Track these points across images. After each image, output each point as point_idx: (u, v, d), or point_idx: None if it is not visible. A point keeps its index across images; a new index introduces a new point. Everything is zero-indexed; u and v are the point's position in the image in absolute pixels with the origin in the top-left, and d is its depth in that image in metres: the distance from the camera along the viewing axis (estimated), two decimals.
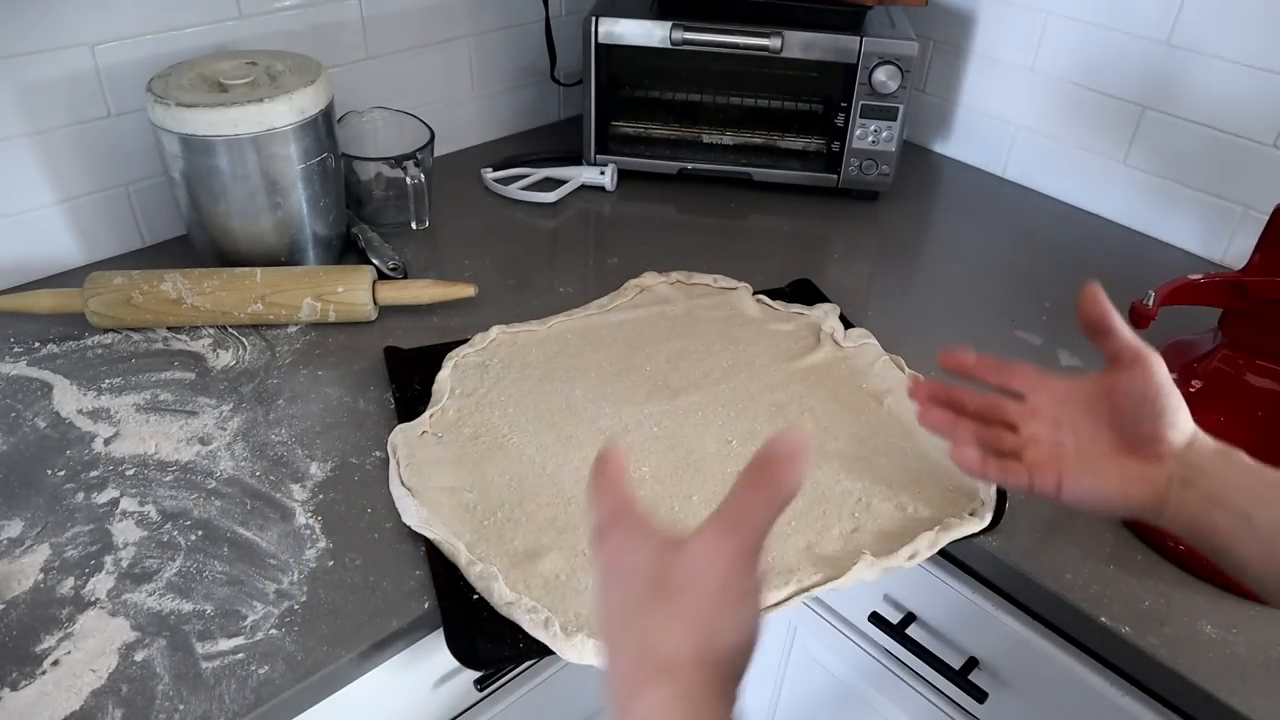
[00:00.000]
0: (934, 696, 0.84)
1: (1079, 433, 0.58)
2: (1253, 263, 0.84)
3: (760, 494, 0.39)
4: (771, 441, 0.39)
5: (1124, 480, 0.56)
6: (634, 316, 0.93)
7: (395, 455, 0.74)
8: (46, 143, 0.92)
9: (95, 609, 0.63)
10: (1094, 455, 0.57)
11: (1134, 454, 0.56)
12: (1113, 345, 0.58)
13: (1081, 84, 1.15)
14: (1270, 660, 0.63)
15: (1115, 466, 0.56)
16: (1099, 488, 0.56)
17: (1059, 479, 0.57)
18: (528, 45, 1.29)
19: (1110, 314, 0.58)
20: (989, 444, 0.61)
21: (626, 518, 0.43)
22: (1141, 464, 0.55)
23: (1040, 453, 0.59)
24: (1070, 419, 0.59)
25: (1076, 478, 0.57)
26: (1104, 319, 0.58)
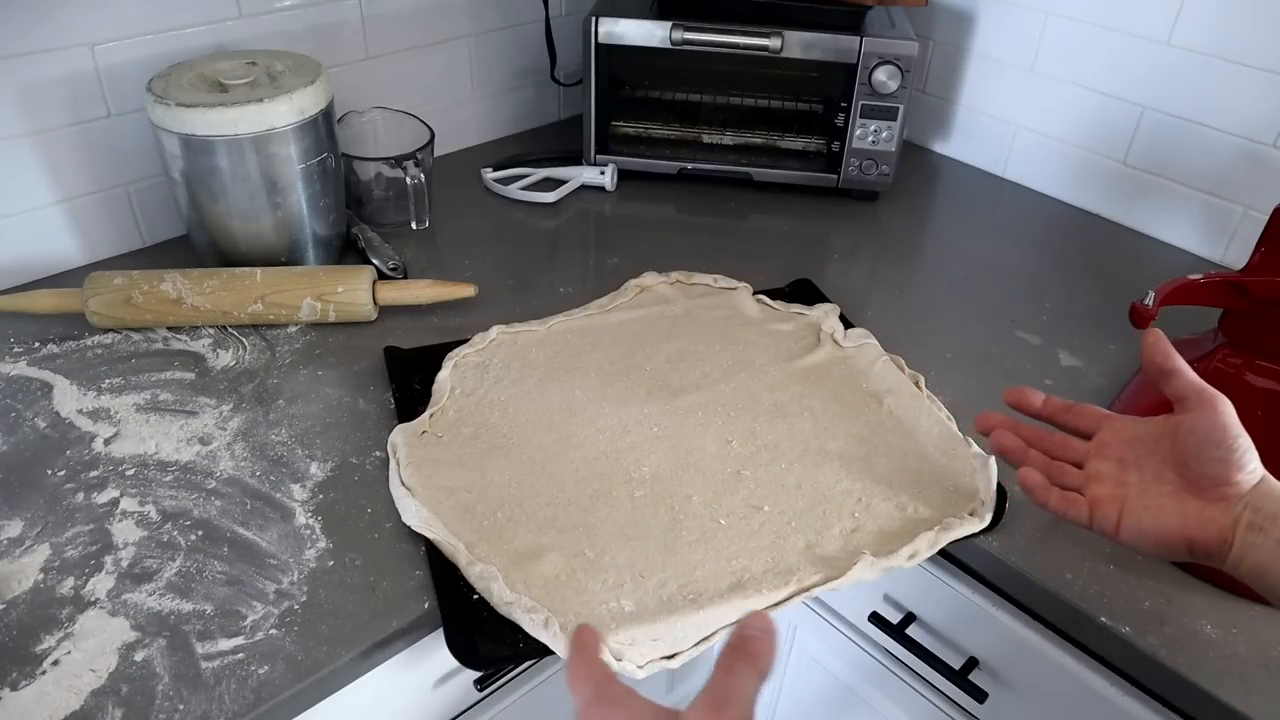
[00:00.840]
0: (934, 696, 0.84)
1: (1143, 472, 0.59)
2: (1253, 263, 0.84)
3: (742, 673, 0.42)
4: (743, 623, 0.43)
5: (1185, 521, 0.56)
6: (634, 316, 0.93)
7: (395, 455, 0.74)
8: (46, 143, 0.92)
9: (95, 609, 0.63)
10: (1157, 494, 0.57)
11: (1199, 495, 0.56)
12: (1178, 387, 0.58)
13: (1081, 84, 1.15)
14: (1270, 660, 0.63)
15: (1177, 506, 0.56)
16: (1159, 526, 0.56)
17: (1119, 516, 0.57)
18: (528, 45, 1.29)
19: (1173, 357, 0.58)
20: (1053, 477, 0.62)
21: (610, 692, 0.43)
22: (1206, 505, 0.55)
23: (1103, 489, 0.59)
24: (1135, 458, 0.59)
25: (1137, 515, 0.57)
26: (1167, 361, 0.58)
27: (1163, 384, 0.59)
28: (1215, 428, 0.55)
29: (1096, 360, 0.91)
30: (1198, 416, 0.56)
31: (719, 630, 0.64)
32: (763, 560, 0.68)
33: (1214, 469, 0.55)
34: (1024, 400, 0.64)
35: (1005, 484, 0.75)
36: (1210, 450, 0.55)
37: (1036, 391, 0.64)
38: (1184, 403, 0.58)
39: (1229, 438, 0.55)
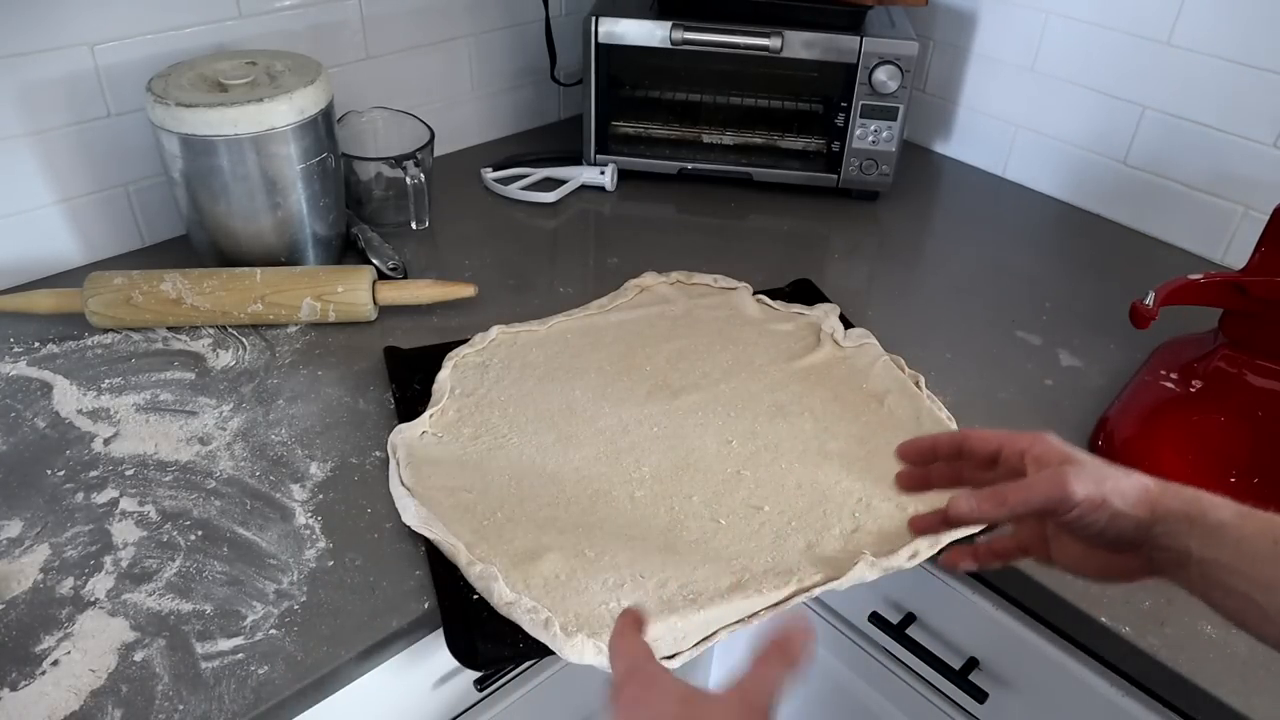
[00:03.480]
0: (934, 696, 0.84)
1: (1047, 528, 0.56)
2: (1253, 263, 0.84)
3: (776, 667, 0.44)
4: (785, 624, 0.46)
5: (1103, 568, 0.53)
6: (634, 316, 0.93)
7: (395, 455, 0.74)
8: (46, 142, 0.92)
9: (95, 609, 0.63)
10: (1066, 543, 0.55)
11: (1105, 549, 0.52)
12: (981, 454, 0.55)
13: (1081, 84, 1.15)
14: (1270, 660, 0.63)
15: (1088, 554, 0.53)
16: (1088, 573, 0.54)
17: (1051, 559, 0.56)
18: (528, 45, 1.29)
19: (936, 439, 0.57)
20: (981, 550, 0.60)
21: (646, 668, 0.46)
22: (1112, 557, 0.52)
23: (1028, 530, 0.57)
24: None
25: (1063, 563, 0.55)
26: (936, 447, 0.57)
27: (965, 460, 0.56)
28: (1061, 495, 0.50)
29: (1096, 360, 0.91)
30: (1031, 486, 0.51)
31: (719, 630, 0.64)
32: (763, 560, 0.68)
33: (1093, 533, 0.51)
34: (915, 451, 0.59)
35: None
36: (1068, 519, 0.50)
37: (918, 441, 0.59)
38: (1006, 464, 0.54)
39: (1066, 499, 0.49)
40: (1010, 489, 0.51)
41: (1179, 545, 0.49)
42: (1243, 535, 0.48)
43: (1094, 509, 0.49)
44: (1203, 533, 0.48)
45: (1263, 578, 0.47)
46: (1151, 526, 0.49)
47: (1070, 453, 0.52)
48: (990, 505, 0.51)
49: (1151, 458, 0.74)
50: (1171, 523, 0.49)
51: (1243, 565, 0.47)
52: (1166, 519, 0.49)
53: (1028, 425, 0.82)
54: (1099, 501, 0.49)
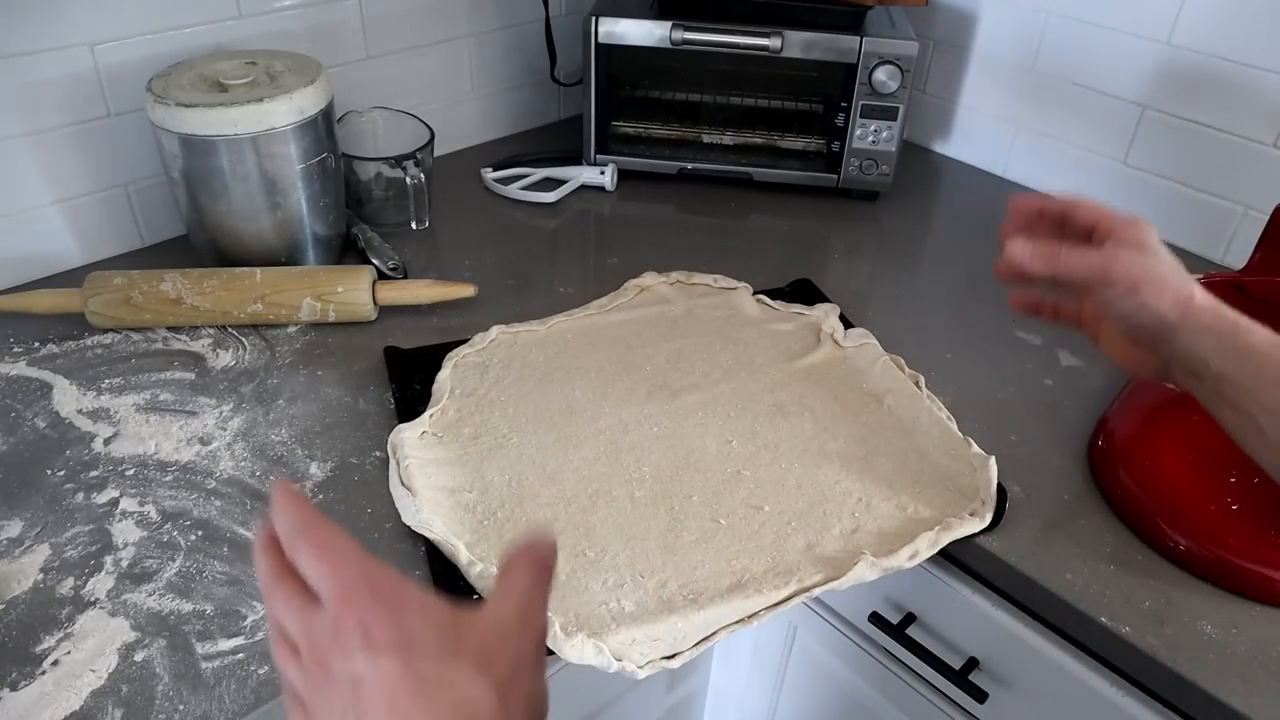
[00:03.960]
0: (934, 696, 0.84)
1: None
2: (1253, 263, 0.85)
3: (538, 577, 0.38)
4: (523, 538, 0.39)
5: (1131, 362, 0.57)
6: (634, 316, 0.93)
7: (395, 455, 0.74)
8: (46, 142, 0.92)
9: (95, 609, 0.63)
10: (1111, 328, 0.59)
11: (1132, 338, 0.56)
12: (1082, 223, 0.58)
13: (1081, 84, 1.15)
14: (1270, 660, 0.63)
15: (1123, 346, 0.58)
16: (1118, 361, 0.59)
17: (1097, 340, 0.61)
18: (528, 45, 1.29)
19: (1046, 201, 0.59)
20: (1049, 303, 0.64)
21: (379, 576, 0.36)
22: (1139, 350, 0.56)
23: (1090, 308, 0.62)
24: None
25: (1103, 345, 0.60)
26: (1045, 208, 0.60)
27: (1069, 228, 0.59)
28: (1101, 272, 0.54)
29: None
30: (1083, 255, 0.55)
31: (719, 630, 0.64)
32: (763, 560, 0.68)
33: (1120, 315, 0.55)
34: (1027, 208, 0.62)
35: (1005, 484, 0.75)
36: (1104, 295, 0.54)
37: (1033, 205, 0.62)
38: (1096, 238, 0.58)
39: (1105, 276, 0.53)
40: (1064, 252, 0.54)
41: (1199, 355, 0.52)
42: (1267, 361, 0.50)
43: (1126, 293, 0.52)
44: (1228, 349, 0.51)
45: (1272, 402, 0.49)
46: (1176, 330, 0.52)
47: (1149, 241, 0.55)
48: (1041, 261, 0.54)
49: (1151, 458, 0.74)
50: (1197, 332, 0.52)
51: (1257, 388, 0.50)
52: (1194, 328, 0.52)
53: (1028, 425, 0.82)
54: (1133, 286, 0.52)
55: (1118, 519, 0.73)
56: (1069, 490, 0.76)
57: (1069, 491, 0.76)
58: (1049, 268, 0.55)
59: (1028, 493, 0.75)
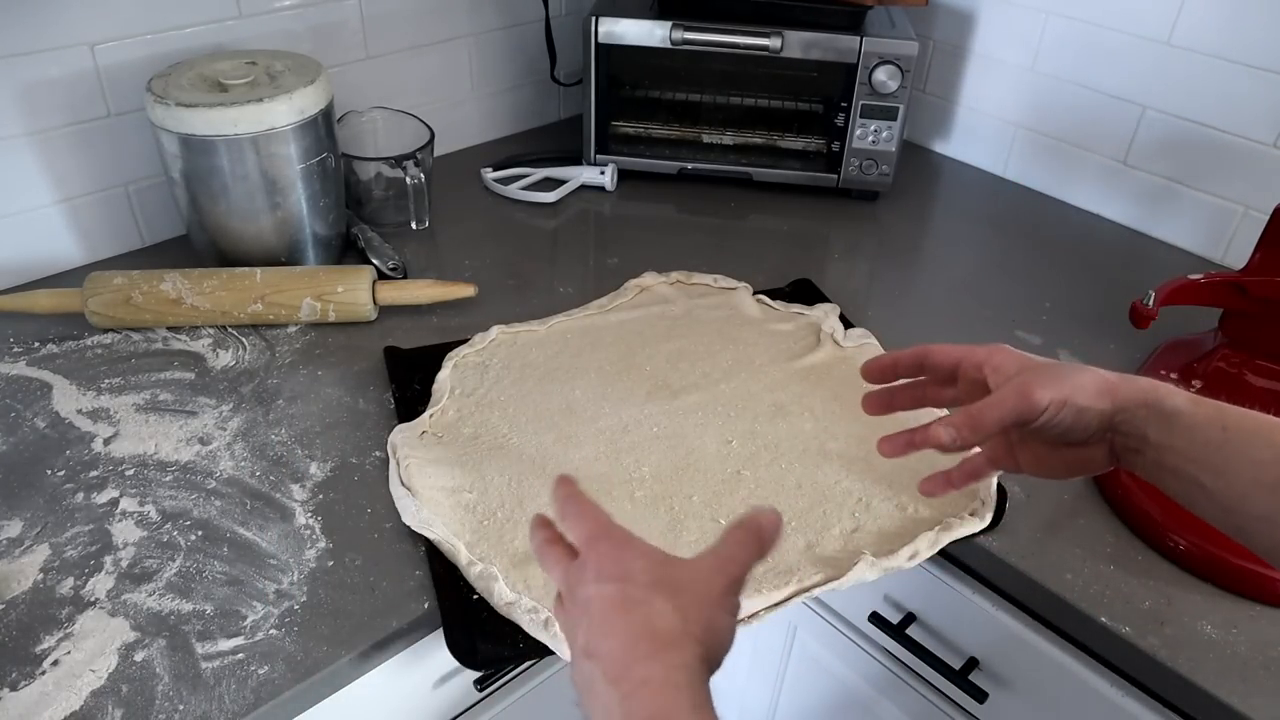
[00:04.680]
0: (934, 696, 0.84)
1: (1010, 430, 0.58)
2: (1253, 263, 0.85)
3: (751, 547, 0.47)
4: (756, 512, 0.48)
5: (1069, 466, 0.56)
6: (634, 316, 0.93)
7: (395, 455, 0.74)
8: (46, 142, 0.92)
9: (95, 609, 0.63)
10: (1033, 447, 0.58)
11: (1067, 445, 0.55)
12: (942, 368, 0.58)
13: (1081, 84, 1.15)
14: (1270, 660, 0.63)
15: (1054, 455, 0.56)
16: (1053, 474, 0.57)
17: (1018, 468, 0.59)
18: (528, 45, 1.29)
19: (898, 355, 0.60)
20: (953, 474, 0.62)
21: (615, 531, 0.48)
22: (1074, 450, 0.55)
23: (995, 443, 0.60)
24: None
25: (1028, 467, 0.58)
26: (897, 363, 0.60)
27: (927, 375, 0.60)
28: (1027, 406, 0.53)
29: (1096, 360, 0.90)
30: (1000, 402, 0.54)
31: None
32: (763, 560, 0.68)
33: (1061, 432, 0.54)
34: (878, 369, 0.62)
35: (1005, 484, 0.75)
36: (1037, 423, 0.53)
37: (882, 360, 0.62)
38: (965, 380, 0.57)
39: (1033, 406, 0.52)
40: (981, 409, 0.54)
41: (1138, 431, 0.52)
42: (1195, 422, 0.51)
43: (1059, 409, 0.52)
44: (1158, 419, 0.51)
45: (1210, 463, 0.50)
46: (1113, 416, 0.53)
47: (1028, 359, 0.56)
48: (968, 431, 0.54)
49: None
50: (1131, 410, 0.52)
51: (1193, 451, 0.50)
52: (1126, 407, 0.52)
53: None
54: (1063, 401, 0.52)
55: (1118, 519, 0.73)
56: (1069, 490, 0.76)
57: (1069, 491, 0.76)
58: (979, 432, 0.54)
59: (1028, 493, 0.75)
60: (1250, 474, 0.49)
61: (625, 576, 0.45)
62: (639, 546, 0.47)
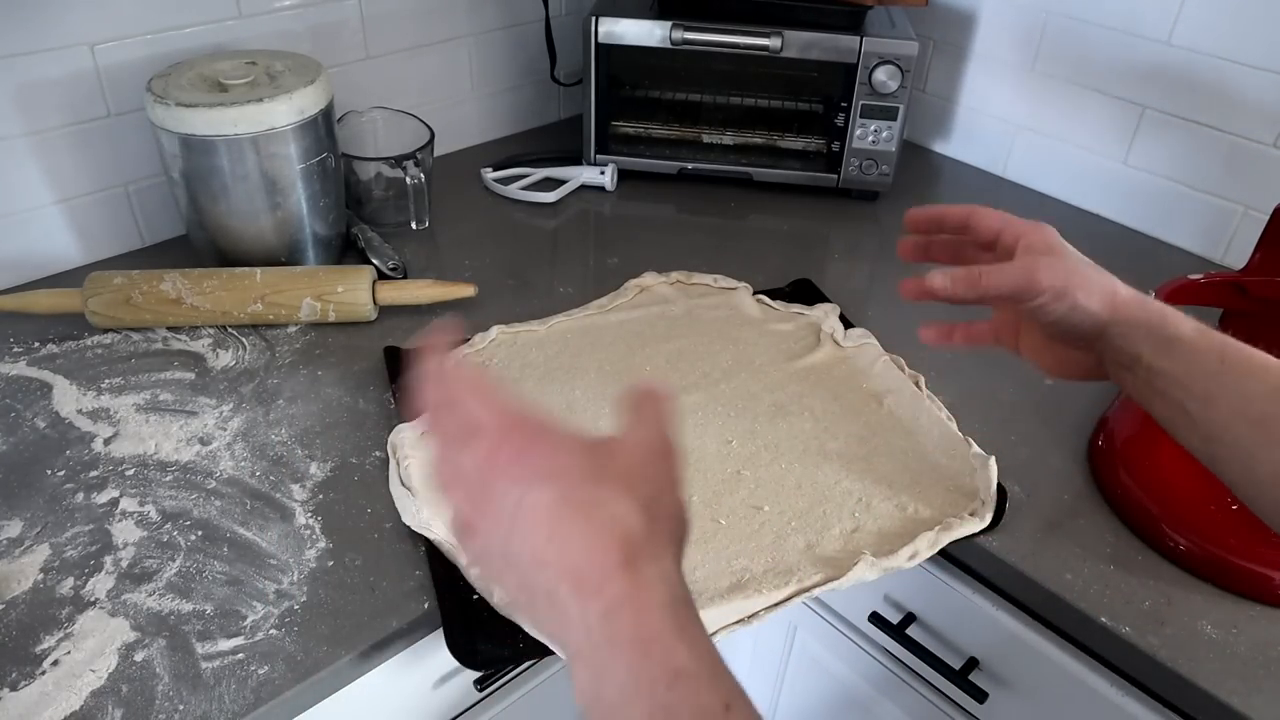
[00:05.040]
0: (934, 696, 0.84)
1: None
2: (1253, 263, 0.85)
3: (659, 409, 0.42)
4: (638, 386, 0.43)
5: (1060, 364, 0.57)
6: (634, 316, 0.93)
7: (395, 455, 0.74)
8: (46, 142, 0.92)
9: (95, 609, 0.63)
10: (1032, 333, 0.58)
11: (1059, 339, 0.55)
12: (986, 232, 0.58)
13: (1081, 84, 1.15)
14: (1270, 660, 0.63)
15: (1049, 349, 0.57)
16: (1046, 366, 0.58)
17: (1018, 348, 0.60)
18: (528, 45, 1.29)
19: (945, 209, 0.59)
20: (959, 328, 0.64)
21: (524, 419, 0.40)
22: (1067, 349, 0.55)
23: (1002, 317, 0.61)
24: None
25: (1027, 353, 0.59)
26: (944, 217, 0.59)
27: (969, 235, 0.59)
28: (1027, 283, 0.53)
29: None
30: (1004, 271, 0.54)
31: (719, 630, 0.64)
32: (763, 560, 0.68)
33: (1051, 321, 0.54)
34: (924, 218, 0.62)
35: (1005, 484, 0.75)
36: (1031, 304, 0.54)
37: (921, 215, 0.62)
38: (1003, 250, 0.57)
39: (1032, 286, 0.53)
40: (984, 272, 0.54)
41: (1131, 349, 0.52)
42: (1195, 350, 0.51)
43: (1056, 298, 0.52)
44: (1158, 341, 0.52)
45: (1200, 391, 0.50)
46: (1108, 326, 0.53)
47: (1059, 244, 0.55)
48: (963, 286, 0.55)
49: (1151, 458, 0.74)
50: (1128, 326, 0.52)
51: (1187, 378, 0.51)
52: (1124, 322, 0.53)
53: (1028, 425, 0.82)
54: (1061, 292, 0.52)
55: (1118, 519, 0.73)
56: (1069, 490, 0.76)
57: (1069, 491, 0.76)
58: (974, 291, 0.54)
59: (1028, 493, 0.75)
60: (1237, 405, 0.49)
61: (562, 473, 0.39)
62: (562, 433, 0.40)
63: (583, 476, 0.39)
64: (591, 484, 0.38)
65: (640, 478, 0.39)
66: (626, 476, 0.39)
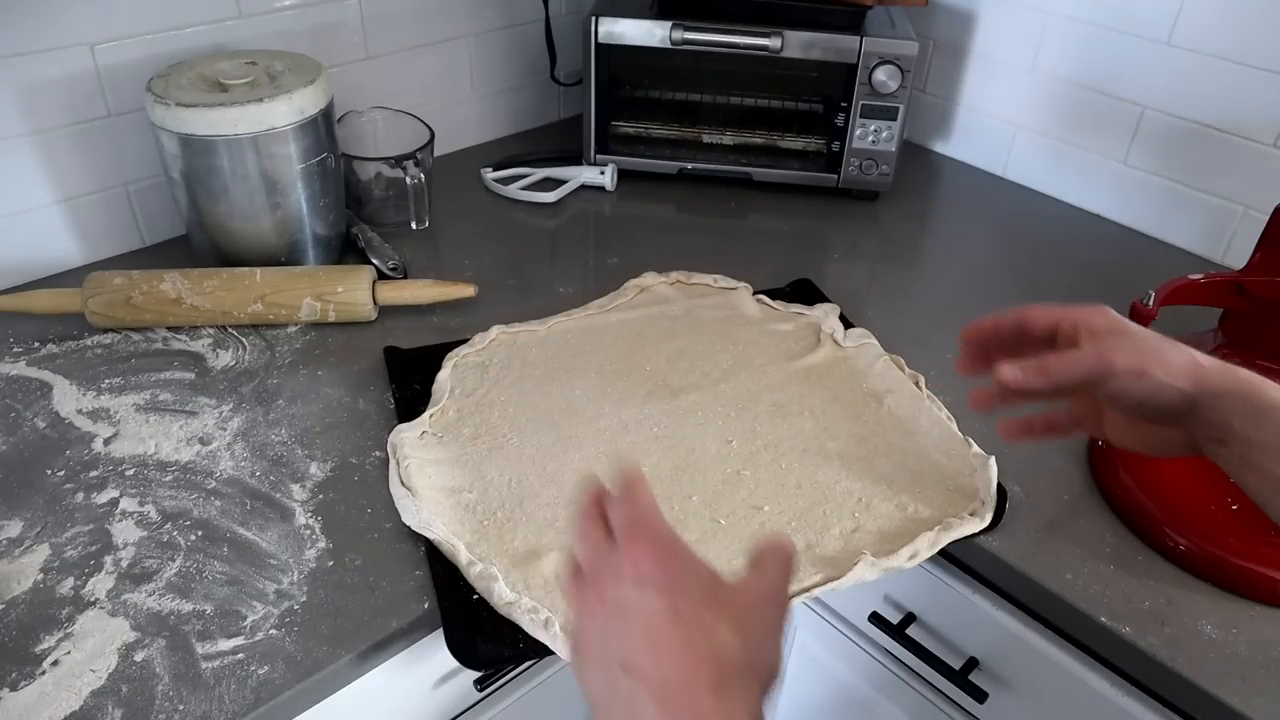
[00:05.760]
0: (934, 696, 0.84)
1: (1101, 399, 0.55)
2: (1253, 263, 0.85)
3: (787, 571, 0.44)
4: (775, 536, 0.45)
5: (1149, 443, 0.54)
6: (634, 316, 0.93)
7: (395, 455, 0.74)
8: (46, 143, 0.92)
9: (95, 609, 0.63)
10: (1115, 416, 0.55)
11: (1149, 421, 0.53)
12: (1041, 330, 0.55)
13: (1081, 84, 1.15)
14: (1270, 660, 0.63)
15: (1136, 428, 0.54)
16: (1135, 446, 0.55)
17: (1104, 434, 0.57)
18: (528, 45, 1.29)
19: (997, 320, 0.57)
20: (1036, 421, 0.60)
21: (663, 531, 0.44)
22: (1156, 427, 0.53)
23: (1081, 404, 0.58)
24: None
25: (1113, 437, 0.56)
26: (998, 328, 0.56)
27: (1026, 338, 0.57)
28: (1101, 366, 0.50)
29: None
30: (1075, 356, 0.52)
31: None
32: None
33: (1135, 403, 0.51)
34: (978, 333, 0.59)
35: (1005, 484, 0.75)
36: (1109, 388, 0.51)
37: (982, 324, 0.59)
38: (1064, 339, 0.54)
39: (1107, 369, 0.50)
40: (1054, 359, 0.52)
41: (1223, 421, 0.49)
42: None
43: (1135, 379, 0.50)
44: (1250, 411, 0.49)
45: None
46: (1196, 400, 0.50)
47: (1122, 324, 0.53)
48: (1034, 375, 0.51)
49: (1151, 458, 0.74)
50: (1216, 398, 0.49)
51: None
52: (1212, 394, 0.49)
53: None
54: (1140, 372, 0.50)
55: (1118, 519, 0.73)
56: (1069, 490, 0.76)
57: (1069, 491, 0.76)
58: (1047, 380, 0.52)
59: (1028, 493, 0.75)
60: None
61: (676, 589, 0.41)
62: (688, 556, 0.43)
63: (698, 599, 0.41)
64: (704, 608, 0.41)
65: (749, 617, 0.41)
66: (737, 612, 0.41)
